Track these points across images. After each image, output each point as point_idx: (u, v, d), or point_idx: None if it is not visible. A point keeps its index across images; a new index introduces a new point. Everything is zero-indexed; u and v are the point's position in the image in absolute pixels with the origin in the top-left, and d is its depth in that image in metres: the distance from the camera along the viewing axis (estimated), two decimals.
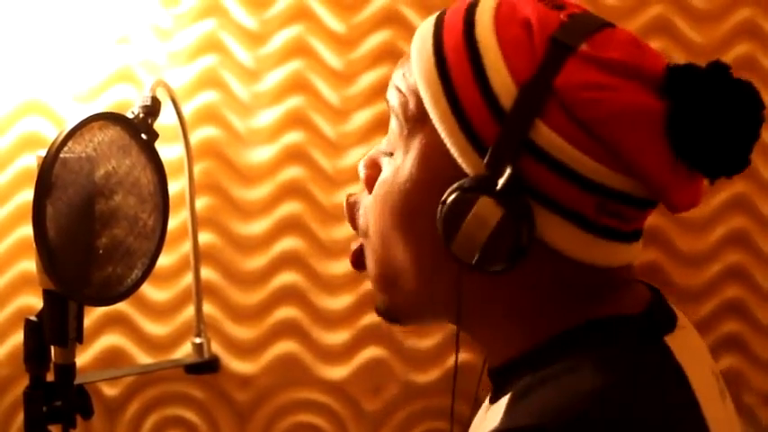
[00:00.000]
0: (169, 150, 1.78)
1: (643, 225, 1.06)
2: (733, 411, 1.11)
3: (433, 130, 1.04)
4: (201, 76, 1.88)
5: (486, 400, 1.13)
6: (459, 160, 1.02)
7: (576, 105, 0.98)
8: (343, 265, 1.87)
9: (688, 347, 1.06)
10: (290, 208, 1.88)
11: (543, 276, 1.03)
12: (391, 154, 1.10)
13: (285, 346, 1.90)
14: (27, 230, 1.83)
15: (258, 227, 1.89)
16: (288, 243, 1.89)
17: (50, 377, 1.38)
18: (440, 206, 1.01)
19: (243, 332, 1.90)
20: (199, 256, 1.84)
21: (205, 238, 1.88)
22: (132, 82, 1.88)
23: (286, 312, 1.89)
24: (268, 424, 1.91)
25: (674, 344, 1.03)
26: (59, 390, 1.37)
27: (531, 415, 0.96)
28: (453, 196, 1.00)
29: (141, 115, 1.41)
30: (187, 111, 1.85)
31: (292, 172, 1.88)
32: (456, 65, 1.03)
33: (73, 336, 1.35)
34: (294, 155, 1.88)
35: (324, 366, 1.90)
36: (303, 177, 1.88)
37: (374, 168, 1.12)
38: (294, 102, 1.88)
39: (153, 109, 1.43)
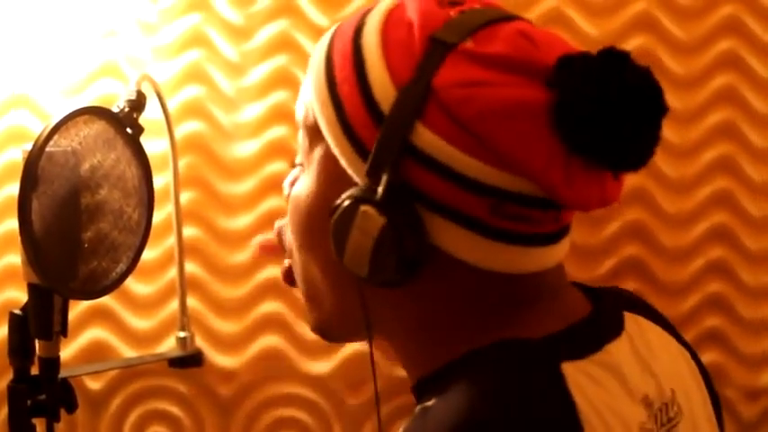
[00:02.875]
0: (154, 144, 1.78)
1: (563, 225, 1.00)
2: None
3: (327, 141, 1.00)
4: (186, 71, 1.88)
5: None
6: (348, 169, 0.98)
7: (453, 104, 0.93)
8: None
9: (598, 376, 0.97)
10: (274, 202, 1.88)
11: (453, 287, 0.99)
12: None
13: (269, 341, 1.90)
14: (12, 224, 1.83)
15: (243, 221, 1.89)
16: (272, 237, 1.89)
17: (35, 371, 1.38)
18: (330, 219, 0.97)
19: (227, 326, 1.90)
20: (183, 250, 1.84)
21: (189, 232, 1.88)
22: (117, 76, 1.88)
23: (270, 307, 1.90)
24: (251, 418, 1.92)
25: (576, 370, 0.95)
26: (43, 383, 1.37)
27: None
28: (339, 208, 0.96)
29: (126, 109, 1.42)
30: (172, 105, 1.85)
31: (277, 166, 1.88)
32: (341, 70, 1.00)
33: (57, 329, 1.36)
34: (279, 149, 1.88)
35: (307, 361, 1.90)
36: (288, 172, 1.88)
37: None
38: (279, 96, 1.88)
39: (138, 103, 1.44)
